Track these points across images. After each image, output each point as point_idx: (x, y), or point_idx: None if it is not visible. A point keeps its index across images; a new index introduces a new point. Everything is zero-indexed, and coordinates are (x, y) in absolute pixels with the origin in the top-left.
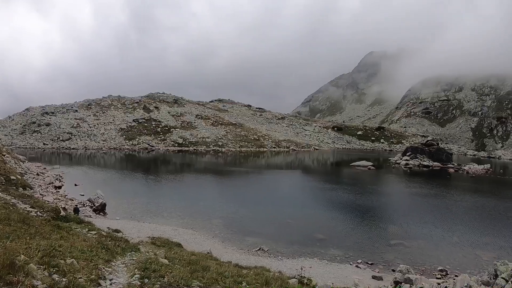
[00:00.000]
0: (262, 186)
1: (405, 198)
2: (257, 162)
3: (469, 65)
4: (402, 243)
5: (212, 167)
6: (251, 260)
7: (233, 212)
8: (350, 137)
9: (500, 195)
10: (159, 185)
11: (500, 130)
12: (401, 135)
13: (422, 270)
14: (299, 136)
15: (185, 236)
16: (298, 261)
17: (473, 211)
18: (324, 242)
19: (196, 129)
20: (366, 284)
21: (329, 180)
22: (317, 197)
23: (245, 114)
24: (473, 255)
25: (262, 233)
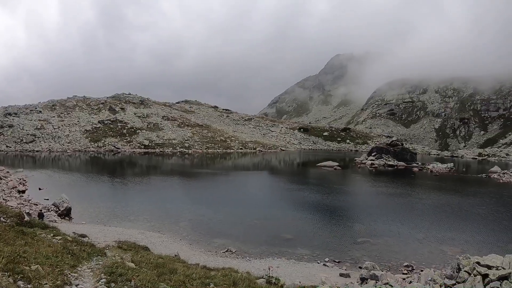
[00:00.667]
0: (230, 187)
1: (371, 197)
2: (224, 164)
3: (433, 68)
4: (369, 240)
5: (179, 169)
6: (219, 262)
7: (200, 214)
8: (316, 138)
9: (463, 192)
10: (125, 188)
11: (462, 131)
12: (366, 136)
13: (389, 266)
14: (266, 137)
15: (152, 239)
16: (266, 261)
17: (438, 208)
18: (292, 241)
19: (162, 130)
20: (333, 281)
21: (295, 181)
22: (284, 198)
23: (212, 115)
24: (438, 250)
25: (230, 235)
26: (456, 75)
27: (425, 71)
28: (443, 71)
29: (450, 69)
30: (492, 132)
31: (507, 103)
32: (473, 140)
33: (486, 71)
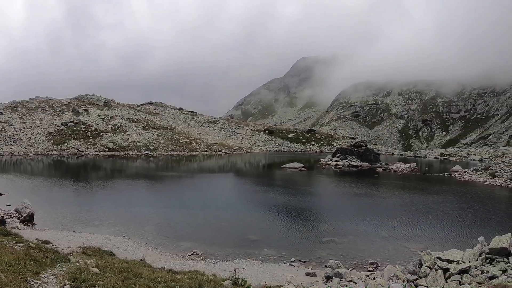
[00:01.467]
0: (195, 190)
1: (337, 197)
2: (189, 166)
3: (398, 71)
4: (334, 239)
5: (144, 172)
6: (185, 265)
7: (166, 217)
8: (282, 140)
9: (426, 190)
10: (89, 192)
11: (425, 132)
12: (331, 137)
13: (354, 264)
14: (231, 139)
15: (117, 244)
16: (232, 263)
17: (402, 207)
18: (258, 243)
19: (127, 133)
20: (299, 281)
21: (261, 183)
22: (250, 200)
23: (177, 117)
24: (403, 247)
25: (196, 238)
26: (419, 78)
27: (390, 74)
28: (407, 74)
29: (414, 73)
30: (454, 133)
31: (468, 105)
32: (435, 140)
33: (449, 74)
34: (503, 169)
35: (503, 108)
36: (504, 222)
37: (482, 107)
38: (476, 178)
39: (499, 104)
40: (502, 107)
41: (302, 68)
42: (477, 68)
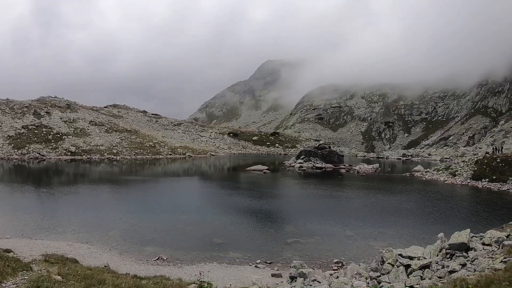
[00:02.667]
0: (160, 194)
1: (301, 199)
2: (153, 170)
3: (362, 75)
4: (299, 240)
5: (107, 176)
6: (150, 270)
7: (131, 222)
8: (246, 143)
9: (390, 190)
10: (52, 198)
11: (387, 133)
12: (295, 140)
13: (319, 264)
14: (195, 142)
15: (81, 251)
16: (197, 267)
17: (366, 206)
18: (223, 246)
19: (89, 136)
20: (264, 282)
21: (226, 185)
22: (214, 203)
23: (141, 120)
24: (367, 245)
25: (161, 242)
26: (383, 82)
27: (354, 78)
28: (371, 78)
29: (378, 76)
30: (415, 134)
31: (429, 107)
32: (398, 142)
33: (413, 78)
34: (463, 168)
35: (463, 110)
36: (464, 219)
37: (443, 110)
38: (437, 177)
39: (459, 106)
40: (462, 110)
41: (267, 71)
42: (440, 72)
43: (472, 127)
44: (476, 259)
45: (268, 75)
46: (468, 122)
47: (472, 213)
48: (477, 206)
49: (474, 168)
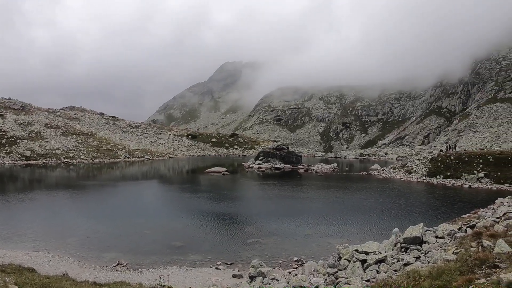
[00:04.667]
0: (118, 199)
1: (260, 200)
2: (111, 174)
3: (321, 77)
4: (259, 240)
5: (64, 181)
6: (110, 276)
7: (89, 228)
8: (205, 144)
9: (348, 188)
10: (6, 205)
11: (345, 134)
12: (254, 141)
13: (280, 263)
14: (154, 145)
15: (38, 259)
16: (158, 271)
17: (325, 205)
18: (183, 249)
19: (45, 139)
20: (225, 283)
21: (185, 188)
22: (173, 206)
23: (98, 122)
24: (326, 243)
25: (120, 247)
26: (341, 84)
27: (313, 80)
28: (329, 80)
29: (336, 78)
30: (372, 134)
31: (385, 108)
32: (355, 142)
33: (370, 80)
34: (418, 166)
35: (418, 111)
36: (420, 214)
37: (398, 110)
38: (394, 175)
39: (414, 107)
40: (417, 110)
41: (227, 72)
42: (396, 74)
43: (427, 126)
44: (430, 251)
45: (228, 77)
46: (423, 122)
47: (427, 208)
48: (432, 202)
49: (429, 165)
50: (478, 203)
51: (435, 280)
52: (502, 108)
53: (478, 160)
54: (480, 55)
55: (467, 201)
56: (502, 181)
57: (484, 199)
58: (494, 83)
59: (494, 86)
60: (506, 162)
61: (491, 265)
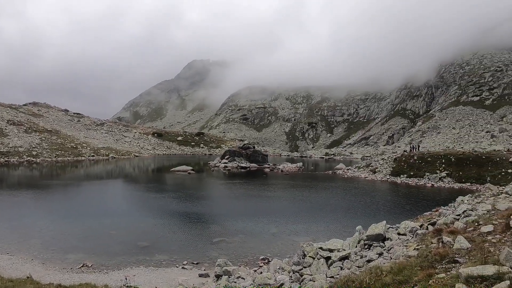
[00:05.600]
0: (82, 199)
1: (226, 199)
2: (75, 173)
3: (287, 77)
4: (225, 239)
5: (26, 181)
6: (75, 278)
7: (53, 229)
8: (171, 143)
9: (312, 187)
10: None
11: (311, 134)
12: (220, 140)
13: (246, 262)
14: (119, 143)
15: (1, 262)
16: (123, 272)
17: (290, 203)
18: (149, 248)
19: (7, 137)
20: (191, 282)
21: (150, 187)
22: (139, 205)
23: (62, 119)
24: (291, 241)
25: (85, 248)
26: (309, 84)
27: (281, 80)
28: (297, 80)
29: (304, 79)
30: (338, 134)
31: (351, 109)
32: (321, 141)
33: (337, 81)
34: (383, 165)
35: (383, 112)
36: (384, 212)
37: (364, 111)
38: (359, 174)
39: (379, 108)
40: (382, 111)
41: (195, 70)
42: (363, 75)
43: (391, 127)
44: (392, 248)
45: (196, 75)
46: (388, 123)
47: (391, 207)
48: (396, 200)
49: (393, 165)
50: (440, 201)
51: (396, 276)
52: (465, 111)
53: (441, 160)
54: (446, 60)
55: (430, 200)
56: (463, 180)
57: (446, 198)
58: (458, 87)
59: (457, 89)
60: (467, 162)
61: (450, 260)
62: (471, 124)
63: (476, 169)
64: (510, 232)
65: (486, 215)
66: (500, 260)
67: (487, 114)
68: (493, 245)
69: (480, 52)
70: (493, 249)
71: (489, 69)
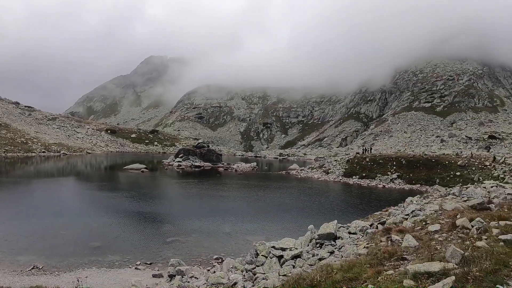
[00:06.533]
0: (32, 197)
1: (179, 198)
2: (25, 170)
3: (245, 78)
4: (179, 239)
5: None
6: (26, 281)
7: (1, 230)
8: (124, 140)
9: (266, 187)
10: None
11: (265, 134)
12: (174, 138)
13: (200, 261)
14: (71, 139)
15: None
16: (75, 273)
17: (243, 203)
18: (102, 249)
19: None
20: (145, 283)
21: (103, 186)
22: (91, 204)
23: (12, 113)
24: (245, 241)
25: (35, 250)
26: (265, 85)
27: (238, 80)
28: (254, 80)
29: (261, 80)
30: (292, 135)
31: (306, 111)
32: (275, 142)
33: (293, 83)
34: (336, 166)
35: (337, 115)
36: (336, 211)
37: (319, 114)
38: (312, 175)
39: (334, 111)
40: (337, 114)
41: (152, 66)
42: (321, 79)
43: (345, 130)
44: (343, 246)
45: (154, 71)
46: (341, 126)
47: (344, 206)
48: (349, 200)
49: (346, 166)
50: (391, 201)
51: (346, 273)
52: (416, 116)
53: (392, 162)
54: (401, 67)
55: (381, 200)
56: (413, 182)
57: (396, 198)
58: (410, 93)
59: (410, 96)
60: (417, 165)
61: (399, 258)
62: (422, 129)
63: (426, 171)
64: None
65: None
66: (446, 257)
67: (437, 120)
68: (439, 243)
69: (433, 61)
70: (439, 247)
71: (442, 77)
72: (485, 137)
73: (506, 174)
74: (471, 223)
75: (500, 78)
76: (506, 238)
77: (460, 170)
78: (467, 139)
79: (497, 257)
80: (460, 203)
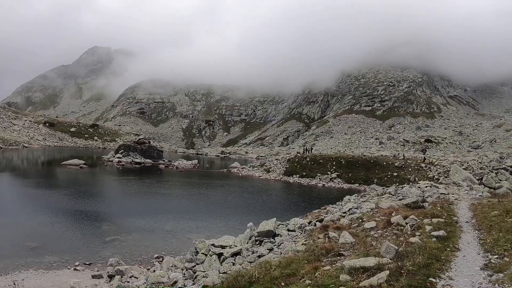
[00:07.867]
0: None
1: (119, 195)
2: None
3: (191, 74)
4: (118, 238)
5: None
6: None
7: None
8: (63, 134)
9: (207, 185)
10: None
11: (208, 131)
12: (115, 133)
13: (140, 260)
14: (7, 132)
15: None
16: (12, 276)
17: (184, 201)
18: (38, 250)
19: None
20: (84, 284)
21: (39, 182)
22: (27, 202)
23: None
24: (186, 239)
25: None
26: (210, 83)
27: (185, 76)
28: (199, 77)
29: (207, 77)
30: (234, 133)
31: (248, 110)
32: (217, 140)
33: (238, 82)
34: (276, 165)
35: (280, 115)
36: (276, 209)
37: (261, 113)
38: (253, 173)
39: (276, 111)
40: (279, 114)
41: (97, 57)
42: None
43: (287, 130)
44: (282, 243)
45: (98, 62)
46: (283, 126)
47: (283, 204)
48: (290, 198)
49: (287, 165)
50: (331, 200)
51: (284, 269)
52: (357, 118)
53: (332, 162)
54: (346, 71)
55: (322, 198)
56: (352, 181)
57: (335, 197)
58: (352, 97)
59: (351, 99)
60: (356, 165)
61: (336, 254)
62: (362, 131)
63: (365, 171)
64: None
65: (370, 213)
66: (381, 252)
67: (377, 123)
68: (375, 239)
69: (376, 67)
70: (375, 243)
71: (383, 83)
72: (422, 141)
73: (441, 175)
74: (405, 221)
75: (438, 86)
76: (438, 234)
77: (397, 171)
78: (404, 142)
79: (430, 252)
80: (396, 202)
